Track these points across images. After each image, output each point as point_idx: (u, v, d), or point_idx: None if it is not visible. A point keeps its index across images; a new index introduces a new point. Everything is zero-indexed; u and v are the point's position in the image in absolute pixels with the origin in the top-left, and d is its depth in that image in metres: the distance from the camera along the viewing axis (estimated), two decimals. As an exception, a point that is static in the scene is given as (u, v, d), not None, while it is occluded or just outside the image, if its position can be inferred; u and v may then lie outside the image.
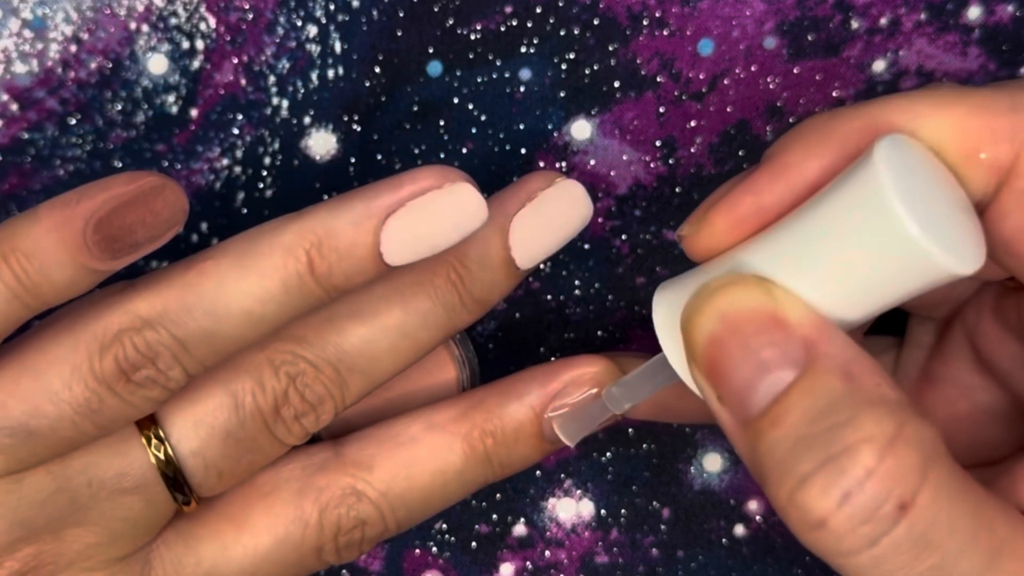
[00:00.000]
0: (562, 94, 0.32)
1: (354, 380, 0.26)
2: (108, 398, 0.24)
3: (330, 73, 0.31)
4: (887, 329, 0.30)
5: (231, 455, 0.26)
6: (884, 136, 0.21)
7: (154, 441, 0.25)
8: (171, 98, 0.31)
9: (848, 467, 0.20)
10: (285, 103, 0.32)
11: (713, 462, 0.33)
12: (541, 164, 0.32)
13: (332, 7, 0.31)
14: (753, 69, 0.32)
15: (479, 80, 0.32)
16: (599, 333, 0.33)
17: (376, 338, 0.26)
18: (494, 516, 0.33)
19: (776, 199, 0.23)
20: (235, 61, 0.31)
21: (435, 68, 0.32)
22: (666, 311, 0.24)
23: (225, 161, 0.32)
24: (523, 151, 0.32)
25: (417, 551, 0.33)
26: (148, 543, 0.26)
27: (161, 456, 0.25)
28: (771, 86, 0.32)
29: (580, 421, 0.27)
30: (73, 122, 0.31)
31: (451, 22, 0.31)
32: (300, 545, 0.27)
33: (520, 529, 0.33)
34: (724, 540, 0.33)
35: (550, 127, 0.32)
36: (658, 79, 0.32)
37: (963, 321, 0.27)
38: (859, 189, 0.21)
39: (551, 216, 0.27)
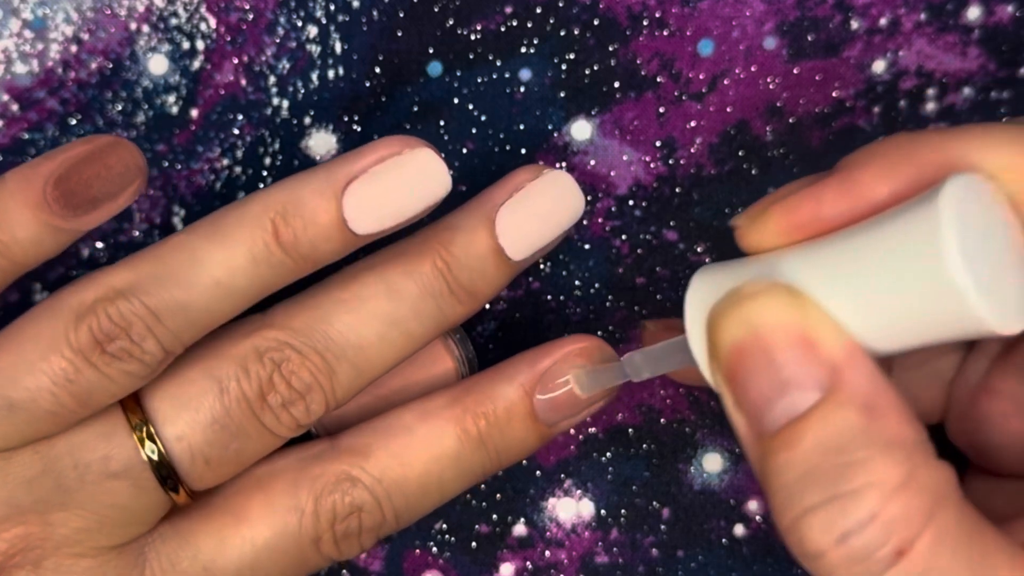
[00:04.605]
0: (562, 94, 0.32)
1: (342, 368, 0.26)
2: (84, 368, 0.25)
3: (330, 73, 0.32)
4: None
5: (217, 442, 0.26)
6: (957, 175, 0.21)
7: (137, 422, 0.26)
8: (171, 98, 0.31)
9: (851, 509, 0.20)
10: (285, 103, 0.32)
11: (713, 462, 0.33)
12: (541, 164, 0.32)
13: (332, 7, 0.31)
14: (753, 69, 0.32)
15: (479, 80, 0.32)
16: (599, 333, 0.33)
17: (362, 325, 0.26)
18: (494, 516, 0.33)
19: (837, 213, 0.22)
20: (235, 61, 0.31)
21: (435, 68, 0.32)
22: (698, 298, 0.24)
23: (225, 161, 0.32)
24: (523, 151, 0.32)
25: (417, 551, 0.33)
26: (143, 535, 0.26)
27: (145, 439, 0.26)
28: (771, 86, 0.32)
29: (597, 378, 0.27)
30: (73, 122, 0.31)
31: (451, 22, 0.31)
32: (298, 535, 0.27)
33: (520, 529, 0.33)
34: (724, 540, 0.33)
35: (550, 127, 0.32)
36: (658, 79, 0.32)
37: None
38: (918, 223, 0.20)
39: (539, 206, 0.27)
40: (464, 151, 0.32)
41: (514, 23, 0.31)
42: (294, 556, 0.27)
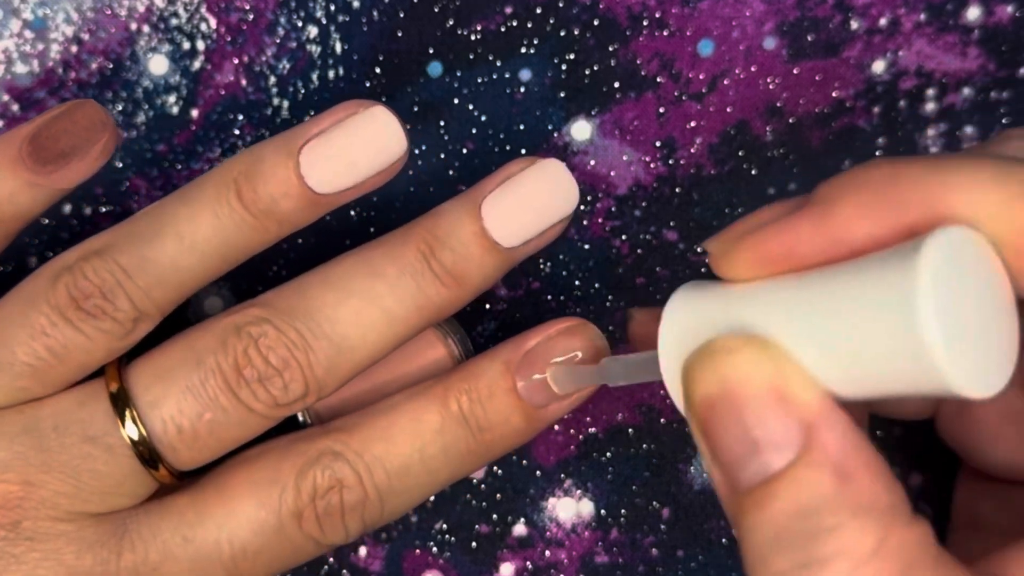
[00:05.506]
0: (562, 94, 0.32)
1: (320, 346, 0.27)
2: (60, 323, 0.26)
3: (330, 74, 0.32)
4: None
5: (189, 410, 0.26)
6: (941, 229, 0.20)
7: (114, 389, 0.26)
8: (172, 98, 0.31)
9: None
10: (286, 103, 0.32)
11: (713, 462, 0.33)
12: (541, 164, 0.32)
13: (332, 7, 0.31)
14: (753, 69, 0.32)
15: (479, 80, 0.32)
16: (599, 333, 0.33)
17: (339, 302, 0.27)
18: (494, 516, 0.33)
19: (813, 249, 0.21)
20: (236, 62, 0.31)
21: (435, 68, 0.32)
22: (672, 334, 0.23)
23: (225, 161, 0.32)
24: (523, 151, 0.32)
25: (417, 551, 0.33)
26: (128, 509, 0.27)
27: (121, 405, 0.26)
28: (771, 86, 0.32)
29: (574, 376, 0.28)
30: (74, 122, 0.31)
31: (451, 22, 0.31)
32: (279, 510, 0.27)
33: (520, 529, 0.33)
34: (724, 540, 0.33)
35: (550, 127, 0.32)
36: (658, 79, 0.32)
37: None
38: (896, 281, 0.19)
39: (529, 193, 0.28)
40: (464, 151, 0.32)
41: (514, 23, 0.31)
42: (275, 530, 0.27)
